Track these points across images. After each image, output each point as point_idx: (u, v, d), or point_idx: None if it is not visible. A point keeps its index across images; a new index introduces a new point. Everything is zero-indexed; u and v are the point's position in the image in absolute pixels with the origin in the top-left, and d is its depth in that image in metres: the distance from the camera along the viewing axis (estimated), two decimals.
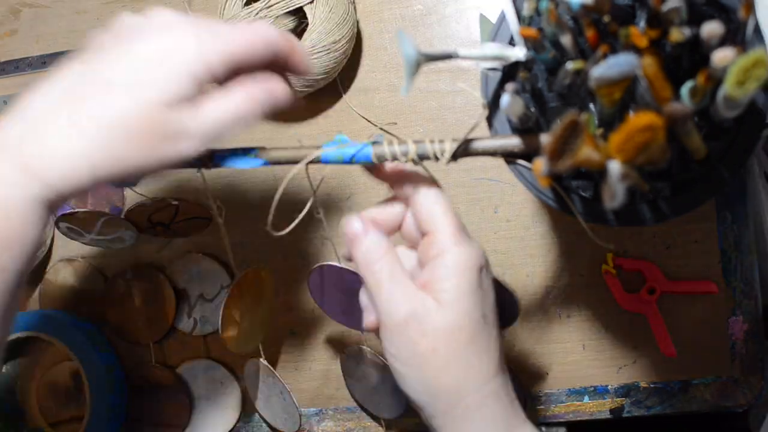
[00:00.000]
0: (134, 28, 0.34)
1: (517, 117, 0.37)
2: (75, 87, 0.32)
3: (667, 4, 0.31)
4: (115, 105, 0.32)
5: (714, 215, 0.56)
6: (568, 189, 0.39)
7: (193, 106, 0.34)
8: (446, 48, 0.61)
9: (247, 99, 0.35)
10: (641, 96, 0.32)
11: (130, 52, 0.33)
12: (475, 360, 0.35)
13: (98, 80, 0.32)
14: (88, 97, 0.32)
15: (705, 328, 0.56)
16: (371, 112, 0.61)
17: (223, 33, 0.34)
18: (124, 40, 0.33)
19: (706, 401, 0.57)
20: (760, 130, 0.36)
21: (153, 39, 0.33)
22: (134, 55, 0.33)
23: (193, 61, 0.33)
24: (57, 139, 0.31)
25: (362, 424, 0.62)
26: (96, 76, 0.32)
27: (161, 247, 0.64)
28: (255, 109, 0.35)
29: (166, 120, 0.32)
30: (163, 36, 0.33)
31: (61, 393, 0.65)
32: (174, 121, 0.33)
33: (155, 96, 0.32)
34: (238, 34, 0.34)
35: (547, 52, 0.36)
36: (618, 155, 0.28)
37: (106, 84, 0.32)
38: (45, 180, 0.31)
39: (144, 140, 0.32)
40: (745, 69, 0.27)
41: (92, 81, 0.32)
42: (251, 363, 0.59)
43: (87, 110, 0.32)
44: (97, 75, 0.32)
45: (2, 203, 0.31)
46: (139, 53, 0.33)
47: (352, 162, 0.37)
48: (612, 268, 0.56)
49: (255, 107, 0.35)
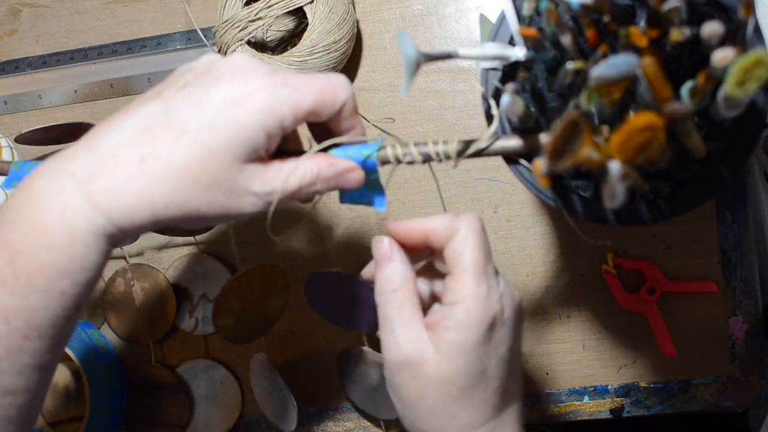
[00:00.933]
0: (214, 71, 0.33)
1: (517, 117, 0.37)
2: (149, 126, 0.32)
3: (667, 3, 0.31)
4: (184, 152, 0.31)
5: (714, 215, 0.56)
6: (568, 189, 0.39)
7: (262, 164, 0.33)
8: (446, 48, 0.61)
9: (315, 174, 0.35)
10: (641, 96, 0.32)
11: (207, 97, 0.32)
12: (462, 412, 0.36)
13: (173, 123, 0.32)
14: (159, 139, 0.32)
15: (705, 328, 0.56)
16: (371, 112, 0.61)
17: (298, 86, 0.33)
18: (203, 83, 0.33)
19: (706, 401, 0.57)
20: (760, 130, 0.36)
21: (231, 87, 0.32)
22: (210, 102, 0.32)
23: (267, 115, 0.32)
24: (124, 178, 0.31)
25: (362, 424, 0.62)
26: (171, 118, 0.32)
27: (163, 247, 0.64)
28: (319, 186, 0.35)
29: (232, 175, 0.32)
30: (240, 85, 0.33)
31: (61, 393, 0.65)
32: (240, 177, 0.33)
33: (224, 149, 0.32)
34: (312, 86, 0.34)
35: (547, 52, 0.36)
36: (618, 155, 0.28)
37: (180, 128, 0.32)
38: (108, 215, 0.32)
39: (208, 191, 0.32)
40: (745, 69, 0.27)
41: (167, 123, 0.32)
42: (257, 357, 0.59)
43: (157, 152, 0.31)
44: (172, 116, 0.32)
45: (68, 230, 0.31)
46: (215, 100, 0.32)
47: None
48: (612, 268, 0.56)
49: (320, 185, 0.35)
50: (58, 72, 0.66)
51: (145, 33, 0.65)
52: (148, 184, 0.31)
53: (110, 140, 0.32)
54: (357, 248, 0.61)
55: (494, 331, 0.36)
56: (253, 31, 0.55)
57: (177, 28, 0.65)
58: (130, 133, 0.32)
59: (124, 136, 0.32)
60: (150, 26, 0.65)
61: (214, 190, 0.32)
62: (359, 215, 0.61)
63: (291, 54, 0.54)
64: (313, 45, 0.54)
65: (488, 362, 0.36)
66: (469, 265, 0.35)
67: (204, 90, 0.32)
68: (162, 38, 0.64)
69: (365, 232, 0.61)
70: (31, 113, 0.67)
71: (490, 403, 0.36)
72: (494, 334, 0.36)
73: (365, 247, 0.61)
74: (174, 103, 0.32)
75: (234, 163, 0.32)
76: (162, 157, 0.31)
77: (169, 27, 0.65)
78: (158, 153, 0.31)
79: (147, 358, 0.64)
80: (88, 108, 0.66)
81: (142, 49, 0.64)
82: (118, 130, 0.32)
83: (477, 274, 0.35)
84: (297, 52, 0.54)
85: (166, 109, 0.32)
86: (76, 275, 0.32)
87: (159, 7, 0.65)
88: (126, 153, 0.32)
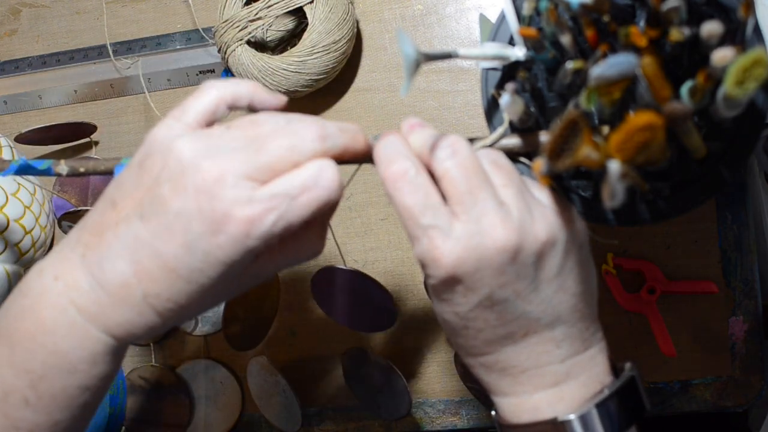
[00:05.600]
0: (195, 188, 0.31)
1: (517, 117, 0.37)
2: (142, 260, 0.31)
3: (667, 3, 0.31)
4: (187, 294, 0.31)
5: (714, 215, 0.56)
6: (568, 189, 0.39)
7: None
8: (446, 48, 0.61)
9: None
10: (641, 95, 0.32)
11: (192, 235, 0.30)
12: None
13: (167, 263, 0.31)
14: (158, 281, 0.31)
15: (705, 328, 0.56)
16: (371, 112, 0.61)
17: (287, 194, 0.31)
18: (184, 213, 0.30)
19: (706, 401, 0.57)
20: (760, 130, 0.36)
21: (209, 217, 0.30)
22: (196, 236, 0.30)
23: (253, 236, 0.30)
24: (136, 314, 0.32)
25: (362, 424, 0.62)
26: (162, 254, 0.30)
27: None
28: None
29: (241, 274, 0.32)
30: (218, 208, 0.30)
31: None
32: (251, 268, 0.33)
33: (221, 284, 0.32)
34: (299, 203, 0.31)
35: (546, 52, 0.36)
36: (617, 155, 0.28)
37: (173, 269, 0.31)
38: (125, 338, 0.33)
39: (225, 295, 0.33)
40: (745, 68, 0.27)
41: (161, 263, 0.31)
42: (254, 361, 0.59)
43: (162, 294, 0.31)
44: (162, 252, 0.30)
45: (89, 355, 0.32)
46: (196, 230, 0.30)
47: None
48: (612, 268, 0.56)
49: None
50: (58, 72, 0.66)
51: (145, 33, 0.65)
52: (156, 319, 0.32)
53: (113, 271, 0.31)
54: (357, 248, 0.61)
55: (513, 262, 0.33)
56: (253, 31, 0.55)
57: (177, 28, 0.65)
58: (129, 268, 0.31)
59: (124, 269, 0.31)
60: (150, 26, 0.65)
61: (223, 295, 0.33)
62: (359, 215, 0.61)
63: (291, 54, 0.54)
64: (312, 45, 0.54)
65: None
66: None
67: (185, 224, 0.30)
68: (162, 38, 0.64)
69: (365, 232, 0.61)
70: (31, 113, 0.67)
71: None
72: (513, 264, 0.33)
73: (367, 247, 0.61)
74: (159, 230, 0.30)
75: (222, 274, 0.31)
76: (163, 298, 0.31)
77: (169, 27, 0.65)
78: (162, 294, 0.31)
79: (147, 358, 0.64)
80: (88, 108, 0.66)
81: (142, 49, 0.64)
82: (114, 259, 0.31)
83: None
84: (297, 52, 0.54)
85: (153, 237, 0.30)
86: (98, 386, 0.33)
87: (159, 7, 0.65)
88: (130, 291, 0.31)
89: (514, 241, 0.32)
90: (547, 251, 0.33)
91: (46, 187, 0.65)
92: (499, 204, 0.33)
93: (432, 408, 0.61)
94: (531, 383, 0.35)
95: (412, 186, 0.33)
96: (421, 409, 0.61)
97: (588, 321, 0.36)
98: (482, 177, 0.33)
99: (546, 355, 0.35)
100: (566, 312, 0.35)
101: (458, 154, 0.33)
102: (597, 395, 0.35)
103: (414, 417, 0.61)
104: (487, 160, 0.34)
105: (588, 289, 0.36)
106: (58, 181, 0.65)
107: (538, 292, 0.34)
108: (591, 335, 0.36)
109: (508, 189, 0.33)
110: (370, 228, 0.61)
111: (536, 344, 0.35)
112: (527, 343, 0.35)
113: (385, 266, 0.61)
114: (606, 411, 0.34)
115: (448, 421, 0.61)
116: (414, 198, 0.32)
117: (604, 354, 0.37)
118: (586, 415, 0.34)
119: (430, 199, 0.33)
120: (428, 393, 0.61)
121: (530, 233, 0.33)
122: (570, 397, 0.35)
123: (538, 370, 0.35)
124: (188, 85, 0.64)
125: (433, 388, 0.61)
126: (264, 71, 0.55)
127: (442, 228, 0.32)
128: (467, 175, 0.32)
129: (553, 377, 0.35)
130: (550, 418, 0.35)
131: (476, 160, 0.33)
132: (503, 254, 0.32)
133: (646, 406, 0.36)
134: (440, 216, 0.32)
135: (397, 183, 0.33)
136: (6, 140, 0.61)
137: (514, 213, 0.33)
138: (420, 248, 0.33)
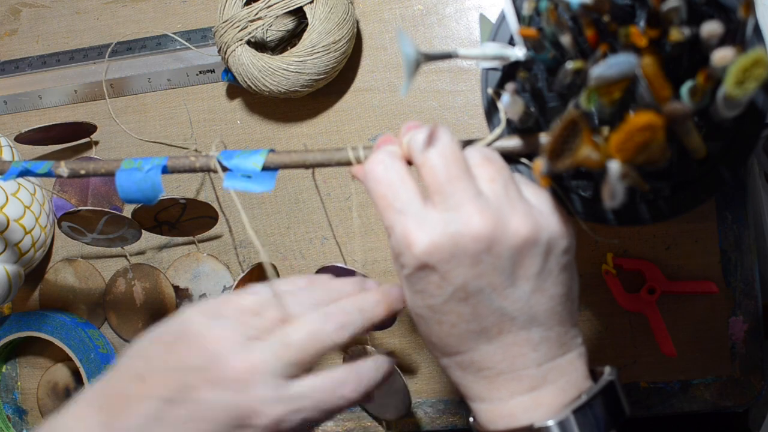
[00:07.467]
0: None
1: (517, 117, 0.37)
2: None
3: (667, 3, 0.31)
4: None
5: (714, 215, 0.56)
6: (568, 189, 0.39)
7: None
8: (446, 48, 0.61)
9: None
10: (641, 96, 0.32)
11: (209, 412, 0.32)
12: None
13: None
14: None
15: (705, 328, 0.56)
16: (371, 113, 0.61)
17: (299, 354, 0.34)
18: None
19: (706, 401, 0.57)
20: (760, 130, 0.36)
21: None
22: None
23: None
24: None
25: (362, 424, 0.62)
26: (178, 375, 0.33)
27: (163, 247, 0.64)
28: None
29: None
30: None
31: (61, 393, 0.65)
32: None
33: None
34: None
35: (546, 52, 0.36)
36: (617, 155, 0.28)
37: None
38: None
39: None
40: (745, 68, 0.27)
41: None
42: None
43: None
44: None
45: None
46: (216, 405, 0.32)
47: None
48: (612, 268, 0.56)
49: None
50: (58, 72, 0.66)
51: (145, 33, 0.65)
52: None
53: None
54: (357, 248, 0.61)
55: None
56: (252, 31, 0.55)
57: (177, 28, 0.65)
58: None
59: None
60: (150, 26, 0.65)
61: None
62: (359, 215, 0.61)
63: (291, 54, 0.54)
64: (312, 45, 0.54)
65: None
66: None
67: (213, 415, 0.32)
68: (162, 38, 0.64)
69: (365, 232, 0.61)
70: (31, 113, 0.67)
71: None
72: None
73: (367, 247, 0.61)
74: (185, 417, 0.32)
75: None
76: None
77: (169, 27, 0.65)
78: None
79: None
80: (88, 108, 0.66)
81: (142, 49, 0.64)
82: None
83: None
84: (297, 52, 0.54)
85: (177, 423, 0.32)
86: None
87: (159, 7, 0.65)
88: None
89: (490, 229, 0.32)
90: (528, 249, 0.33)
91: (46, 187, 0.65)
92: (478, 194, 0.33)
93: (432, 408, 0.61)
94: (507, 388, 0.35)
95: (387, 173, 0.33)
96: (421, 409, 0.61)
97: (567, 326, 0.36)
98: (462, 167, 0.33)
99: (522, 357, 0.34)
100: (543, 314, 0.34)
101: (438, 144, 0.33)
102: (575, 401, 0.34)
103: (414, 417, 0.61)
104: (480, 154, 0.34)
105: (568, 294, 0.35)
106: (58, 182, 0.65)
107: (515, 288, 0.33)
108: (570, 340, 0.36)
109: (494, 183, 0.33)
110: (370, 228, 0.61)
111: (512, 345, 0.34)
112: (502, 343, 0.34)
113: (385, 266, 0.61)
114: (584, 417, 0.34)
115: (448, 421, 0.61)
116: (388, 184, 0.33)
117: (583, 359, 0.36)
118: (564, 421, 0.33)
119: (406, 185, 0.33)
120: (428, 393, 0.61)
121: (509, 226, 0.32)
122: (547, 402, 0.35)
123: (514, 374, 0.35)
124: (188, 85, 0.64)
125: (433, 388, 0.61)
126: (264, 71, 0.55)
127: (417, 214, 0.32)
128: (446, 164, 0.33)
129: (529, 382, 0.35)
130: (526, 425, 0.34)
131: (457, 150, 0.33)
132: (478, 243, 0.32)
133: (626, 410, 0.36)
134: (415, 202, 0.33)
135: (372, 173, 0.34)
136: (6, 140, 0.61)
137: (493, 204, 0.33)
138: (394, 236, 0.33)
